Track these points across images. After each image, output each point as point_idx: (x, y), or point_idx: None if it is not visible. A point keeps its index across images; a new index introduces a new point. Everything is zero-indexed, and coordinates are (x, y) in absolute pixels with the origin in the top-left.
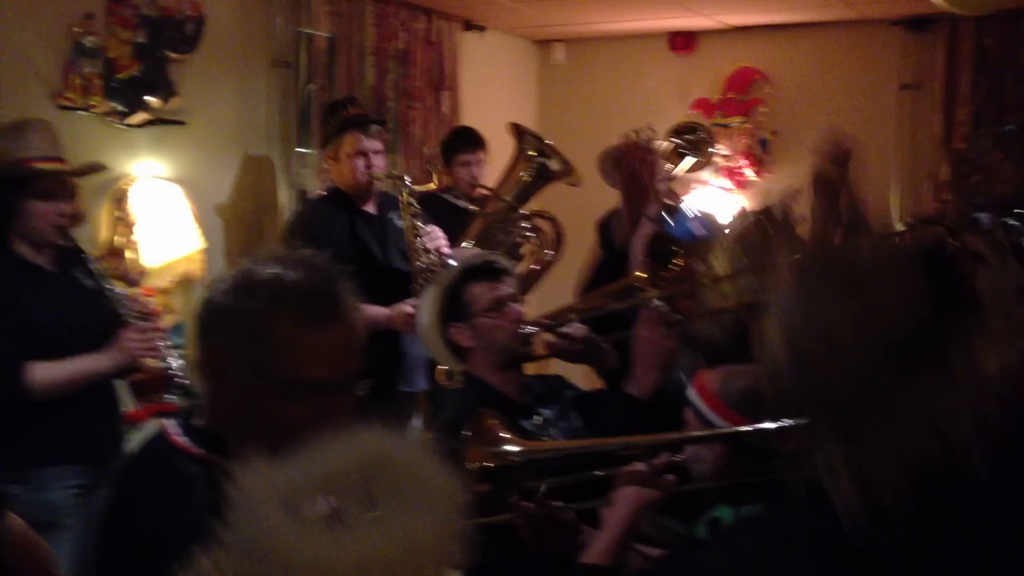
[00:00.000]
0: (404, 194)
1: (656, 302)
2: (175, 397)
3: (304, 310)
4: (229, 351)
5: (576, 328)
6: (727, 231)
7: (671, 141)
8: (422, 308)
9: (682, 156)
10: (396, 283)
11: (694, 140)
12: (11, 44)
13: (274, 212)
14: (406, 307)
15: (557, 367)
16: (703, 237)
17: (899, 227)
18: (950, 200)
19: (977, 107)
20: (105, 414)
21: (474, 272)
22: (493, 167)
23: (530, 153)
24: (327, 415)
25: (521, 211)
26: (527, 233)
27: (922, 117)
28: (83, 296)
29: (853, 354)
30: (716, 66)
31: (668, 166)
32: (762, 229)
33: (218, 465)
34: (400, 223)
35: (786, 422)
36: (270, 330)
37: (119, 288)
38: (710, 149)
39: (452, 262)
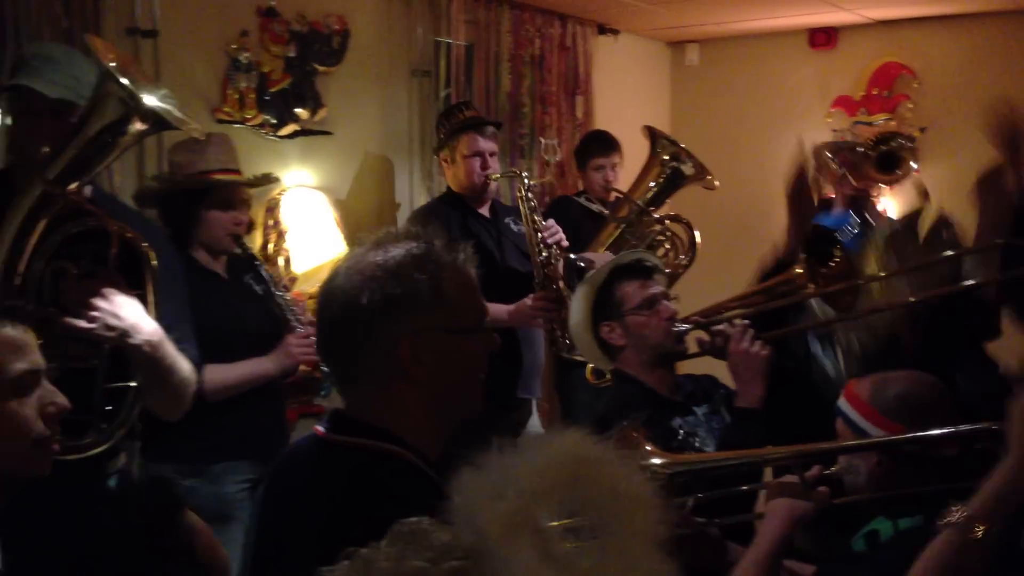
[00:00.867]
0: (521, 188)
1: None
2: (323, 400)
3: (453, 265)
4: (418, 330)
5: (730, 325)
6: (878, 232)
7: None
8: (572, 307)
9: (884, 166)
10: (514, 284)
11: (893, 149)
12: (175, 62)
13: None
14: (527, 301)
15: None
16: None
17: None
18: None
19: None
20: (272, 413)
21: (624, 270)
22: (626, 171)
23: (664, 157)
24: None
25: (655, 215)
26: (659, 237)
27: None
28: (254, 302)
29: None
30: (858, 62)
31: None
32: (911, 231)
33: (391, 452)
34: (516, 228)
35: (960, 428)
36: (447, 290)
37: (287, 294)
38: (911, 164)
39: (581, 258)
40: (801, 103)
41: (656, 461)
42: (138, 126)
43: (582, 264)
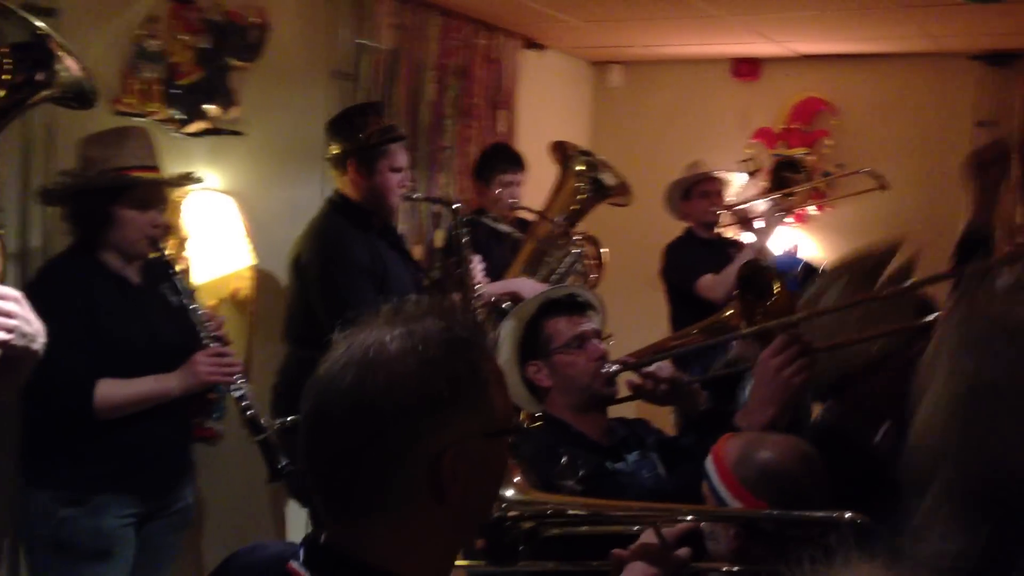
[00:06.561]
0: (454, 220)
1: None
2: (216, 423)
3: (486, 349)
4: (461, 438)
5: (661, 367)
6: (837, 262)
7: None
8: (499, 343)
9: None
10: None
11: (792, 178)
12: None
13: None
14: None
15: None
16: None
17: None
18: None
19: None
20: (172, 440)
21: (555, 306)
22: (543, 189)
23: (578, 169)
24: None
25: (573, 234)
26: (575, 255)
27: None
28: (167, 312)
29: None
30: (780, 95)
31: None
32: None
33: None
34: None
35: (815, 514)
36: (489, 383)
37: (202, 307)
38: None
39: (480, 299)
40: (721, 132)
41: (507, 493)
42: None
43: (504, 306)
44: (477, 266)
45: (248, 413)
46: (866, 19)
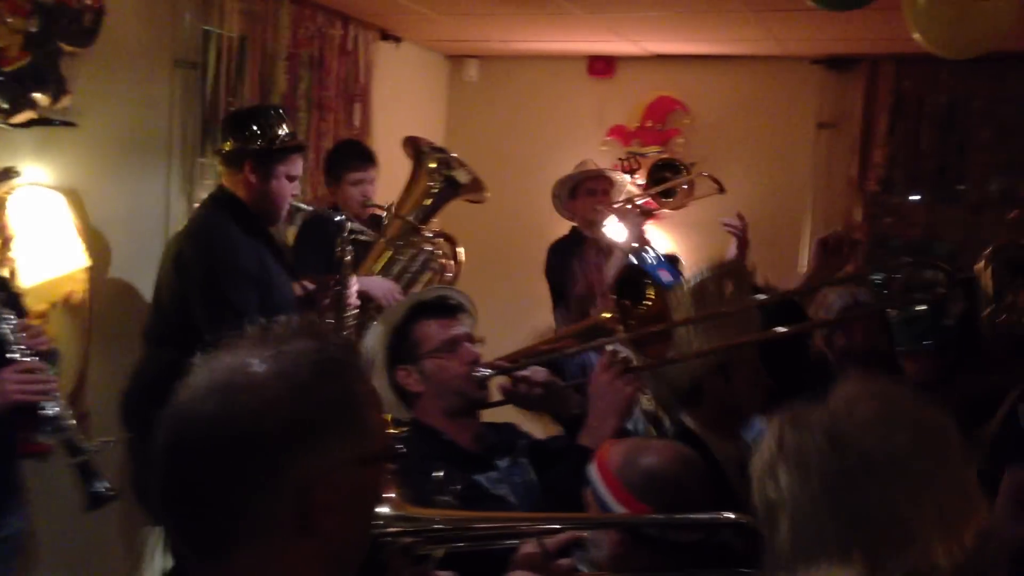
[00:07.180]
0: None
1: (619, 346)
2: (48, 438)
3: (360, 369)
4: (333, 466)
5: (536, 371)
6: (687, 281)
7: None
8: (367, 348)
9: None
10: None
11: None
12: None
13: (169, 228)
14: None
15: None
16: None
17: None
18: (861, 241)
19: (892, 149)
20: None
21: (425, 308)
22: (399, 185)
23: (430, 166)
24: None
25: (426, 232)
26: (428, 253)
27: (838, 157)
28: None
29: None
30: (635, 93)
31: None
32: (719, 283)
33: None
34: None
35: (699, 516)
36: (363, 407)
37: (11, 318)
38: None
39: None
40: (577, 129)
41: (382, 509)
42: None
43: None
44: (354, 288)
45: (63, 434)
46: (714, 21)
